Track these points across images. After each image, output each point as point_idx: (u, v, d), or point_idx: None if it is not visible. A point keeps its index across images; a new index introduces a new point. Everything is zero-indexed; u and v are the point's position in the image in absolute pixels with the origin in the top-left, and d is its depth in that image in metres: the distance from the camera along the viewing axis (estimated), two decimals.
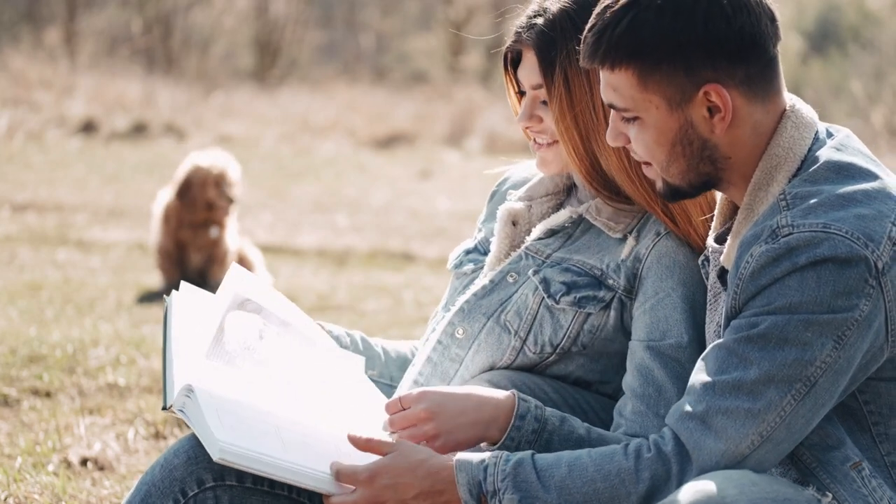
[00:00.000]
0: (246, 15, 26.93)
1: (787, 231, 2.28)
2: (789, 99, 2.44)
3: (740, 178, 2.44)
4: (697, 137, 2.39)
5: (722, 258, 2.47)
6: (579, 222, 2.76)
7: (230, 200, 7.83)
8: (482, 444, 2.51)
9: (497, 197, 2.97)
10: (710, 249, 2.55)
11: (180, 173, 7.87)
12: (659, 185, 2.48)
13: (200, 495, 2.56)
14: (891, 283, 2.27)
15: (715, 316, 2.53)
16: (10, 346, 5.47)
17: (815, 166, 2.37)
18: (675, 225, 2.66)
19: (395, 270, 9.18)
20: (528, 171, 2.94)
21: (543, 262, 2.73)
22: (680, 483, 2.27)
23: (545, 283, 2.69)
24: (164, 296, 2.68)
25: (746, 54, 2.35)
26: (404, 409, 2.50)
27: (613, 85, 2.40)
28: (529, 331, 2.68)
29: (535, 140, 2.75)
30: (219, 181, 7.80)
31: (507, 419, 2.50)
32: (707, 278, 2.58)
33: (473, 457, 2.37)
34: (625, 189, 2.68)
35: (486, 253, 2.86)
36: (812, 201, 2.31)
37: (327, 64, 26.94)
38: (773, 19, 2.39)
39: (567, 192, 2.84)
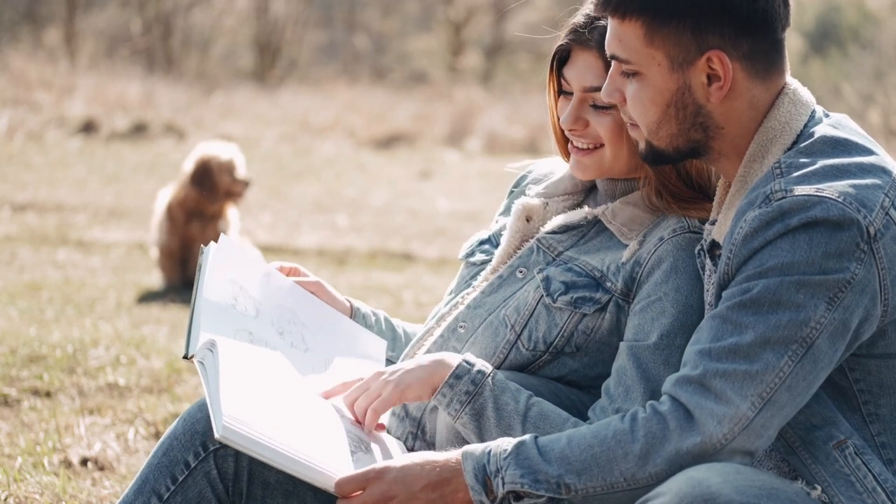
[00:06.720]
0: (246, 15, 26.93)
1: (781, 195, 2.29)
2: (791, 82, 2.46)
3: (732, 150, 2.45)
4: (692, 102, 2.41)
5: (714, 232, 2.47)
6: (594, 223, 2.76)
7: (246, 183, 7.93)
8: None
9: (517, 191, 2.97)
10: (706, 231, 2.56)
11: (191, 165, 7.92)
12: (642, 146, 2.49)
13: (220, 451, 2.57)
14: (883, 251, 2.27)
15: (707, 296, 2.53)
16: (10, 346, 5.47)
17: (810, 140, 2.38)
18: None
19: (395, 270, 9.18)
20: (550, 167, 2.93)
21: (553, 260, 2.73)
22: (681, 441, 2.26)
23: (547, 280, 2.69)
24: (202, 245, 2.69)
25: (754, 29, 2.37)
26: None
27: (620, 36, 2.42)
28: (525, 326, 2.68)
29: (573, 144, 2.73)
30: (230, 168, 7.92)
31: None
32: (703, 265, 2.57)
33: (479, 446, 2.40)
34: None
35: (498, 245, 2.86)
36: (806, 170, 2.32)
37: (327, 64, 26.94)
38: (786, 4, 2.41)
39: (586, 194, 2.84)
